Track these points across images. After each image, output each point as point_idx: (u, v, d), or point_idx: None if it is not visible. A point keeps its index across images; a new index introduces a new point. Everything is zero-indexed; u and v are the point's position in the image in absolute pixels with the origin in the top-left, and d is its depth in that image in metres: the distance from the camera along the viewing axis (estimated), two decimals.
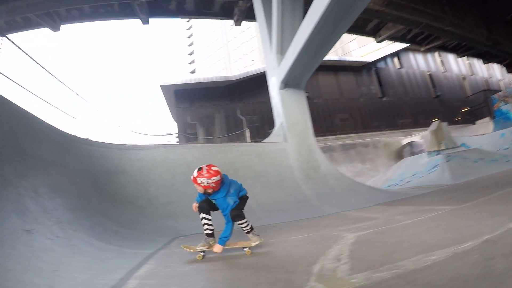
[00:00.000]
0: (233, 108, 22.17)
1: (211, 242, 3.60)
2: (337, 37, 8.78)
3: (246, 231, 3.62)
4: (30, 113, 5.00)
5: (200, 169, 3.47)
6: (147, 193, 6.75)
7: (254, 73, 22.41)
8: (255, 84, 21.39)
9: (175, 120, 23.89)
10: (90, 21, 14.74)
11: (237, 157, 8.55)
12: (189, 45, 57.99)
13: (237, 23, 16.15)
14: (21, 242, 3.04)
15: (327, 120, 22.05)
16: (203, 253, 3.58)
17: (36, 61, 5.74)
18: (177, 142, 21.57)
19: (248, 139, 19.52)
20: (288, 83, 10.33)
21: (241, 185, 3.80)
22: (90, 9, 14.02)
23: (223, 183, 3.55)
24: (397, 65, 28.10)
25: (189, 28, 57.70)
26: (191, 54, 57.11)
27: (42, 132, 5.15)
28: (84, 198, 5.25)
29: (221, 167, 8.19)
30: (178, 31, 64.30)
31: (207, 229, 3.62)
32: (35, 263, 2.86)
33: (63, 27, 14.46)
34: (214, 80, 22.51)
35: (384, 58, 27.23)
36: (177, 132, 21.33)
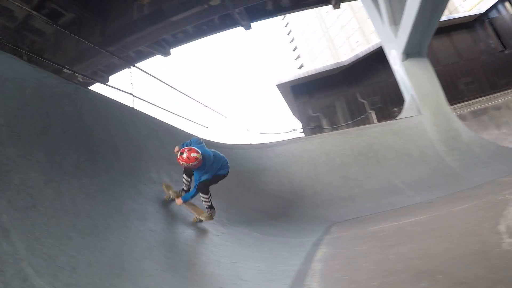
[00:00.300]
0: (352, 93, 21.01)
1: (181, 194, 4.10)
2: None
3: (205, 205, 4.01)
4: (173, 126, 5.55)
5: (181, 153, 3.67)
6: (291, 186, 6.81)
7: (364, 53, 20.88)
8: (368, 64, 20.17)
9: (296, 116, 24.08)
10: (195, 39, 16.11)
11: (375, 139, 8.18)
12: (290, 42, 58.45)
13: (336, 6, 15.13)
14: (192, 240, 3.17)
15: (450, 88, 19.21)
16: (171, 199, 4.09)
17: (164, 82, 6.31)
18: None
19: (375, 121, 18.28)
20: (409, 52, 9.64)
21: (227, 163, 4.19)
22: (193, 29, 15.35)
23: (204, 165, 3.81)
24: (511, 10, 22.74)
25: (286, 26, 58.14)
26: (294, 50, 57.43)
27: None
28: (233, 197, 5.52)
29: (360, 150, 8.15)
30: (277, 31, 65.38)
31: (184, 185, 4.18)
32: (213, 257, 2.96)
33: (173, 51, 16.36)
34: (327, 69, 21.81)
35: (494, 6, 22.34)
36: (301, 126, 21.35)
